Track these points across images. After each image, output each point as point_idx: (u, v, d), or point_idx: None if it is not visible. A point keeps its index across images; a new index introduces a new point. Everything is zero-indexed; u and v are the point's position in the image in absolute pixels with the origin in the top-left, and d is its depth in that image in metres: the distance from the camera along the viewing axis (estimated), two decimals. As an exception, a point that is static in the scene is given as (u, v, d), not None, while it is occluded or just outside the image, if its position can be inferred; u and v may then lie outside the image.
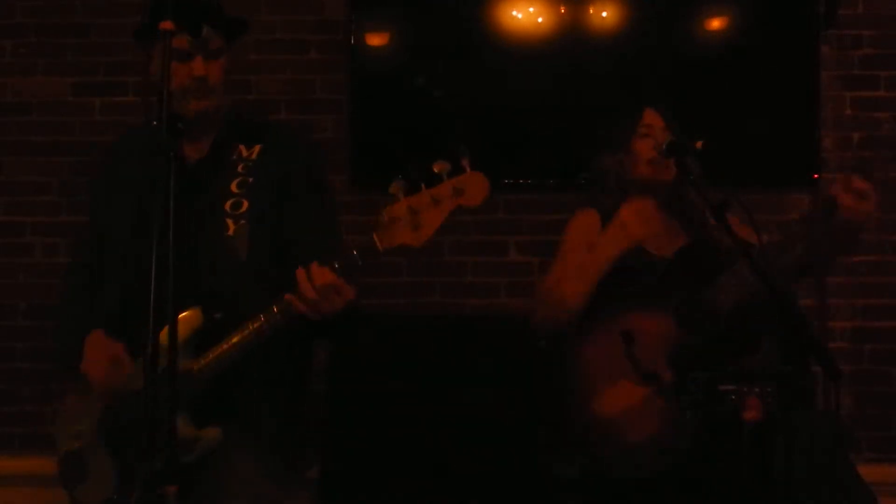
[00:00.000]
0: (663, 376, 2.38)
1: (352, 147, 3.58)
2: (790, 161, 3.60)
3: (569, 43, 3.59)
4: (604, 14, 3.61)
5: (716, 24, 3.65)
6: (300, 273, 1.90)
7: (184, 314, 1.99)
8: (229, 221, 2.12)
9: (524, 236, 3.63)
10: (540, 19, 3.61)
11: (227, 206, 2.13)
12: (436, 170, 1.85)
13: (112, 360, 2.05)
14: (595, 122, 2.77)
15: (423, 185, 1.86)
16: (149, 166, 1.99)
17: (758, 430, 2.26)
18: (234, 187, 2.16)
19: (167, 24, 1.65)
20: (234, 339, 1.97)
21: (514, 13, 3.62)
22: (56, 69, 3.72)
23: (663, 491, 2.35)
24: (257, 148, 2.22)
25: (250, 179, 2.16)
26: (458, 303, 3.63)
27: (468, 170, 1.86)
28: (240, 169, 2.18)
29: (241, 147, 2.22)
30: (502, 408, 3.13)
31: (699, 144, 2.47)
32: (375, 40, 3.66)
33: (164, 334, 1.56)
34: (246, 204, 2.13)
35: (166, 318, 1.94)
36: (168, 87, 1.65)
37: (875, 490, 2.43)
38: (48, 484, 3.47)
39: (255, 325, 1.96)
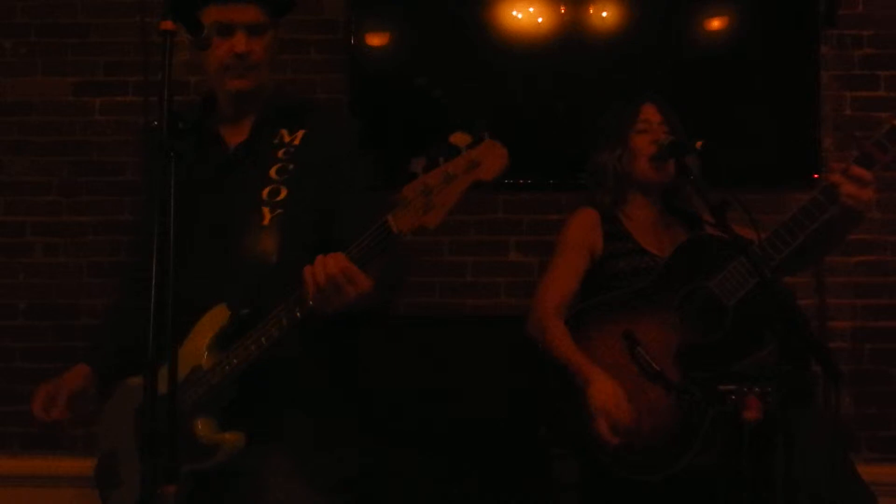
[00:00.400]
0: (670, 376, 2.38)
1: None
2: (790, 161, 3.60)
3: (569, 43, 3.59)
4: (604, 14, 3.61)
5: (716, 24, 3.65)
6: (317, 259, 1.75)
7: (212, 310, 1.92)
8: (265, 210, 1.99)
9: (524, 236, 3.63)
10: (540, 19, 3.61)
11: (265, 193, 2.00)
12: (452, 142, 1.69)
13: (49, 391, 2.01)
14: (595, 123, 2.76)
15: (441, 161, 1.69)
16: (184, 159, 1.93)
17: (758, 430, 2.26)
18: (273, 174, 2.02)
19: (167, 24, 1.62)
20: (255, 335, 1.85)
21: (514, 13, 3.62)
22: (56, 69, 3.72)
23: (665, 492, 2.35)
24: (300, 133, 2.08)
25: (291, 166, 2.03)
26: (458, 303, 3.63)
27: (486, 139, 1.69)
28: (280, 155, 2.05)
29: (284, 132, 2.08)
30: (502, 408, 3.13)
31: (699, 144, 2.47)
32: (375, 40, 3.66)
33: (195, 334, 1.51)
34: (284, 192, 2.00)
35: (191, 316, 1.89)
36: (169, 87, 1.61)
37: (875, 490, 2.42)
38: (48, 484, 3.50)
39: (274, 320, 1.83)
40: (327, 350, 2.07)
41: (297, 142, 2.07)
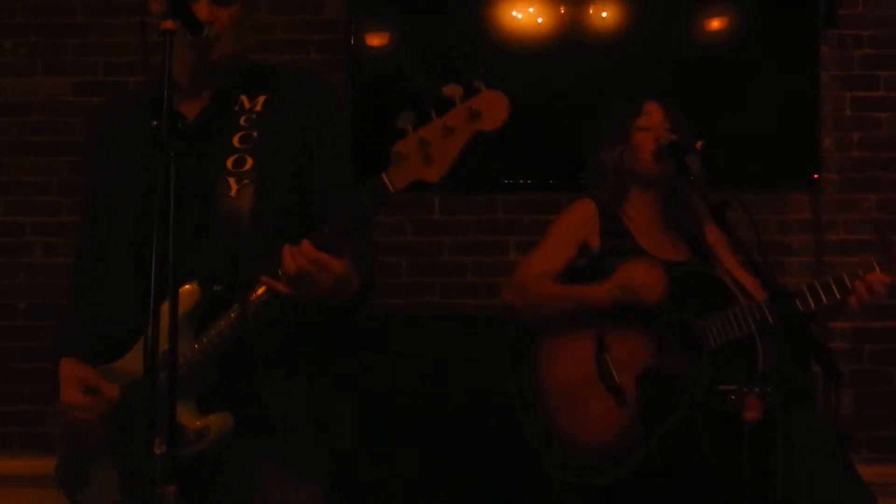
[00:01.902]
0: (627, 391, 2.39)
1: (351, 147, 3.58)
2: (790, 161, 3.60)
3: (569, 43, 3.59)
4: (604, 14, 3.61)
5: (716, 24, 3.65)
6: (284, 250, 1.68)
7: (181, 289, 1.79)
8: (231, 181, 1.89)
9: (524, 236, 3.62)
10: (540, 19, 3.61)
11: (229, 163, 1.90)
12: (446, 94, 1.62)
13: (87, 389, 1.90)
14: (595, 122, 2.76)
15: (433, 115, 1.63)
16: (144, 128, 1.80)
17: (758, 430, 2.26)
18: (236, 142, 1.92)
19: (168, 24, 1.61)
20: (228, 316, 1.78)
21: (514, 13, 3.62)
22: (56, 69, 3.73)
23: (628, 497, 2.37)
24: (261, 99, 1.98)
25: (254, 133, 1.93)
26: (458, 303, 3.63)
27: (483, 89, 1.63)
28: (242, 122, 1.95)
29: (244, 98, 1.98)
30: (502, 408, 3.12)
31: (699, 145, 2.47)
32: (375, 40, 3.66)
33: (164, 315, 1.47)
34: (250, 161, 1.90)
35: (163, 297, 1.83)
36: (169, 87, 1.60)
37: (875, 490, 2.43)
38: (48, 484, 3.49)
39: (244, 303, 1.75)
40: (312, 337, 1.99)
41: (258, 107, 1.97)
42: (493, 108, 1.63)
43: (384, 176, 1.67)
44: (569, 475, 2.44)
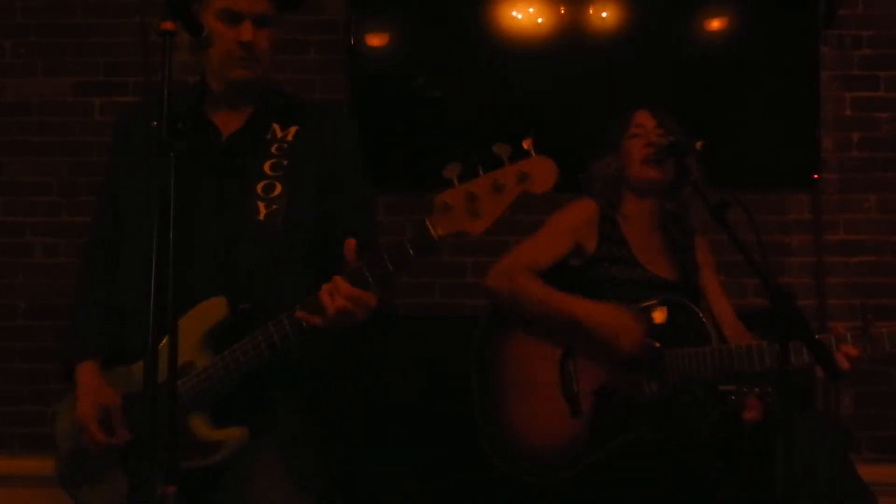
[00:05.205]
0: (583, 403, 2.40)
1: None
2: (790, 161, 3.60)
3: (569, 43, 3.59)
4: (604, 14, 3.61)
5: (716, 24, 3.65)
6: (321, 290, 1.77)
7: (207, 302, 1.89)
8: (260, 205, 1.97)
9: (524, 236, 3.60)
10: (540, 19, 3.61)
11: (259, 188, 1.99)
12: (496, 152, 1.69)
13: (103, 411, 1.95)
14: (595, 122, 2.76)
15: (480, 170, 1.70)
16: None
17: (758, 430, 2.26)
18: (266, 168, 2.01)
19: (167, 24, 1.62)
20: (257, 340, 1.84)
21: (514, 13, 3.62)
22: (56, 69, 3.73)
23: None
24: (293, 129, 2.07)
25: (285, 162, 2.02)
26: (458, 303, 3.63)
27: (533, 154, 1.71)
28: (273, 150, 2.04)
29: (276, 126, 2.07)
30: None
31: (699, 145, 2.47)
32: (375, 40, 3.66)
33: (185, 327, 1.51)
34: (279, 188, 1.99)
35: (182, 309, 1.85)
36: (169, 87, 1.61)
37: (875, 490, 2.43)
38: (48, 484, 3.49)
39: (263, 336, 1.83)
40: (327, 351, 2.08)
41: (289, 138, 2.06)
42: (543, 174, 1.71)
43: (428, 222, 1.73)
44: (511, 469, 2.45)
